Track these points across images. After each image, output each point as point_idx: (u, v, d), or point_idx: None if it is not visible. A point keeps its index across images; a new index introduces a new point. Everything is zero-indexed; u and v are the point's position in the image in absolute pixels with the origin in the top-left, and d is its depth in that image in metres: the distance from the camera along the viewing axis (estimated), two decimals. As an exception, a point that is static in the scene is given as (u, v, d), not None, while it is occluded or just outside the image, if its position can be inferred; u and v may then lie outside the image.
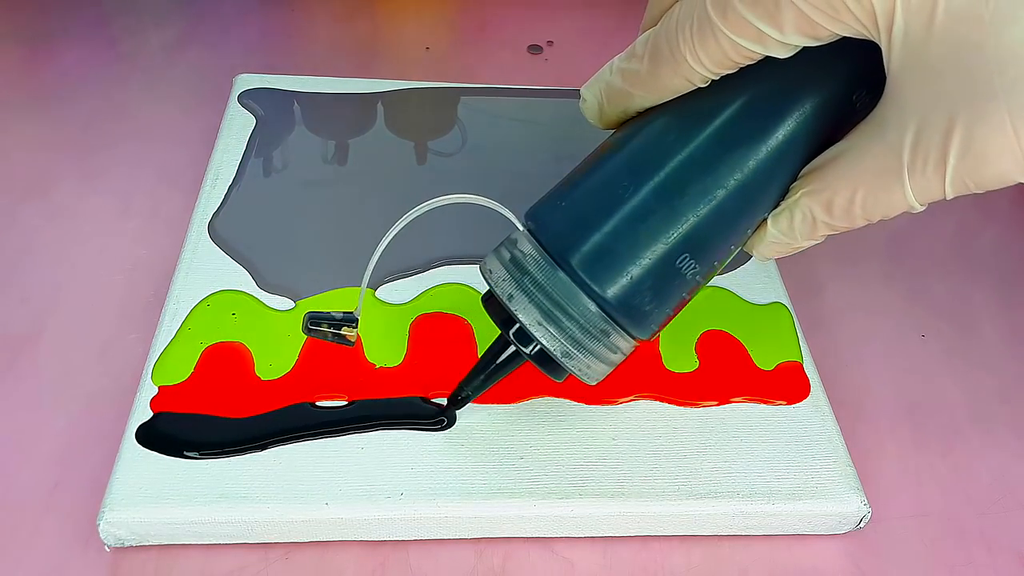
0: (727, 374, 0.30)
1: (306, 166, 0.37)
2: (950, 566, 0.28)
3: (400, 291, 0.32)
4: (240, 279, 0.32)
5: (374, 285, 0.32)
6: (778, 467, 0.28)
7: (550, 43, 0.50)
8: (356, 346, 0.30)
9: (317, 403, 0.28)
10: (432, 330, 0.31)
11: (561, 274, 0.24)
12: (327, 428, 0.28)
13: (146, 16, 0.49)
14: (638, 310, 0.24)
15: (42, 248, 0.35)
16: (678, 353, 0.31)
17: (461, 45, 0.50)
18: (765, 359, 0.31)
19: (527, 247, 0.24)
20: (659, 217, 0.23)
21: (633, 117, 0.25)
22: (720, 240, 0.24)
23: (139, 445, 0.27)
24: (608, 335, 0.24)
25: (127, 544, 0.26)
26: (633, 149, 0.24)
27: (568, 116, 0.41)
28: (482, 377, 0.27)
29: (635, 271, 0.23)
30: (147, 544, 0.26)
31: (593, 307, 0.24)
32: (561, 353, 0.24)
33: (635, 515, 0.27)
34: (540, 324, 0.24)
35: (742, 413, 0.29)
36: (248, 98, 0.40)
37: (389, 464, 0.27)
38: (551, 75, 0.47)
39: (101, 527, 0.25)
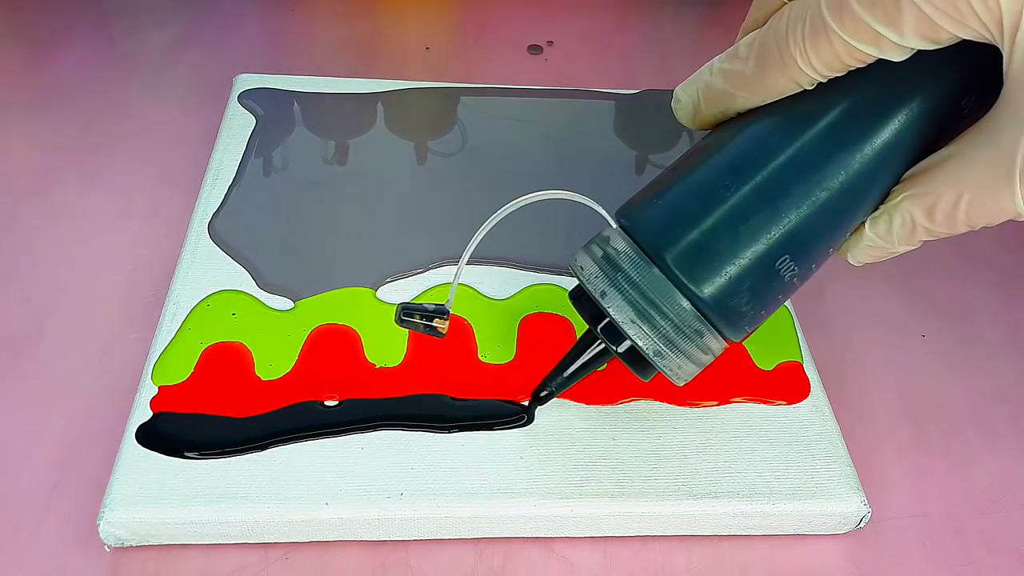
0: (727, 374, 0.30)
1: (306, 166, 0.37)
2: (950, 566, 0.28)
3: (400, 291, 0.32)
4: (240, 279, 0.32)
5: (374, 285, 0.32)
6: (778, 467, 0.28)
7: (550, 43, 0.50)
8: (356, 346, 0.30)
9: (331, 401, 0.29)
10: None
11: (656, 271, 0.23)
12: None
13: (146, 16, 0.49)
14: (734, 311, 0.23)
15: (42, 248, 0.35)
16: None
17: (461, 45, 0.50)
18: (765, 359, 0.31)
19: (621, 244, 0.24)
20: (761, 217, 0.23)
21: (731, 118, 0.25)
22: (820, 242, 0.24)
23: (139, 445, 0.27)
24: (701, 335, 0.24)
25: (127, 544, 0.26)
26: (735, 149, 0.24)
27: (568, 116, 0.41)
28: (567, 374, 0.27)
29: (733, 271, 0.23)
30: (147, 544, 0.26)
31: (688, 306, 0.24)
32: (653, 352, 0.24)
33: (635, 515, 0.27)
34: (634, 322, 0.24)
35: (742, 413, 0.29)
36: (248, 98, 0.40)
37: (389, 464, 0.27)
38: (551, 75, 0.47)
39: (101, 527, 0.25)
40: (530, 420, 0.28)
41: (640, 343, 0.24)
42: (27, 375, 0.31)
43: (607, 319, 0.25)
